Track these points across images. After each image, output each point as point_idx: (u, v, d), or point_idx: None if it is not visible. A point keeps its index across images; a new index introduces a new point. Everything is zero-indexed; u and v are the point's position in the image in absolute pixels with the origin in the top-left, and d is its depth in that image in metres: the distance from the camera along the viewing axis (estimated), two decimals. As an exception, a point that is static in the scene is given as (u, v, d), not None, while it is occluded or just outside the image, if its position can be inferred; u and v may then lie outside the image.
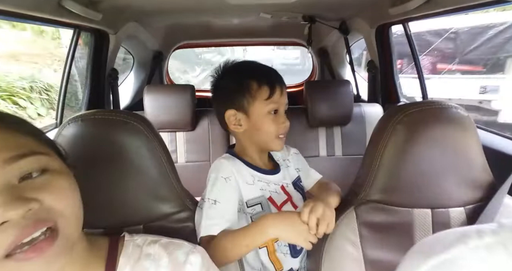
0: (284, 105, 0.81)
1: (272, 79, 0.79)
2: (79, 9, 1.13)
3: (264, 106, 0.78)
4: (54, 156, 0.45)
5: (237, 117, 0.80)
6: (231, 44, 2.76)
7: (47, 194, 0.40)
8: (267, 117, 0.78)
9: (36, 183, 0.41)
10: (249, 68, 0.83)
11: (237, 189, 0.77)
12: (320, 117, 1.55)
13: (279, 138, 0.81)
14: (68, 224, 0.42)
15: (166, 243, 0.55)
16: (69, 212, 0.42)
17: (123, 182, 0.65)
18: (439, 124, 0.69)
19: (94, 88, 1.64)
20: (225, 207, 0.73)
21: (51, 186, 0.41)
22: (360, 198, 0.76)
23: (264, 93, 0.77)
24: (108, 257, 0.52)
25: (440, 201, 0.72)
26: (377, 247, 0.72)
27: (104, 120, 0.65)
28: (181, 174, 0.74)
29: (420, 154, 0.70)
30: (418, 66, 1.71)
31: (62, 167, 0.45)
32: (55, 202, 0.41)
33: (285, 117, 0.81)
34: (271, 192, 0.82)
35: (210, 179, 0.77)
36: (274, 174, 0.85)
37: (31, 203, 0.38)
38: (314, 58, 2.71)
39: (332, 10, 1.72)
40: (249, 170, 0.81)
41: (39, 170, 0.41)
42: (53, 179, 0.42)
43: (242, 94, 0.78)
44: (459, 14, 1.25)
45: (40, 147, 0.44)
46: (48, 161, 0.43)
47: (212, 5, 1.52)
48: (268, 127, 0.79)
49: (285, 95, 0.80)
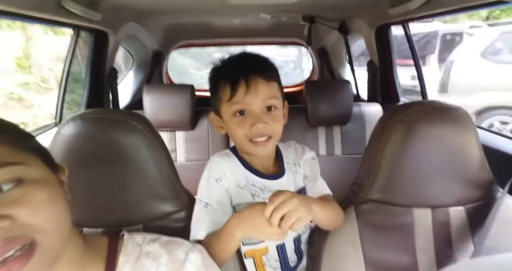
0: (258, 103, 0.68)
1: (234, 75, 0.68)
2: (79, 9, 1.13)
3: (227, 108, 0.69)
4: (34, 163, 0.42)
5: (216, 119, 0.75)
6: (231, 44, 2.76)
7: (21, 208, 0.37)
8: (232, 120, 0.70)
9: (8, 197, 0.37)
10: (222, 63, 0.74)
11: (228, 192, 0.72)
12: (319, 117, 1.55)
13: (253, 142, 0.70)
14: (49, 239, 0.39)
15: (165, 241, 0.55)
16: (49, 226, 0.39)
17: (123, 181, 0.65)
18: (438, 124, 0.69)
19: (94, 88, 1.63)
20: (216, 209, 0.69)
21: (26, 200, 0.38)
22: (360, 197, 0.76)
23: (226, 93, 0.68)
24: (108, 256, 0.51)
25: (440, 200, 0.72)
26: (377, 246, 0.72)
27: (103, 120, 0.65)
28: (180, 173, 0.74)
29: (420, 153, 0.70)
30: (418, 66, 1.71)
31: (43, 176, 0.42)
32: (31, 217, 0.37)
33: (260, 118, 0.67)
34: (265, 199, 0.70)
35: (203, 177, 0.73)
36: (275, 179, 0.75)
37: (1, 221, 0.35)
38: (314, 58, 2.71)
39: (331, 10, 1.72)
40: (244, 171, 0.74)
41: (13, 181, 0.38)
42: (29, 191, 0.38)
43: (214, 95, 0.73)
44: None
45: (16, 156, 0.40)
46: (24, 171, 0.39)
47: (212, 5, 1.52)
48: (234, 131, 0.70)
49: (261, 91, 0.67)
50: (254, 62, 0.72)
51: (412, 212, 0.73)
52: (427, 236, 0.73)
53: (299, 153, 0.82)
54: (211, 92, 0.75)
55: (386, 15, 1.45)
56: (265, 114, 0.69)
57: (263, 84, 0.68)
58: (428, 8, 1.18)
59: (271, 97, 0.69)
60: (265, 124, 0.68)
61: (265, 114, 0.69)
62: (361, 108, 1.65)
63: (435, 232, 0.73)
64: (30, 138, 0.46)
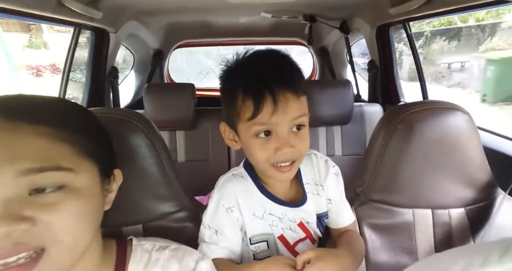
0: (286, 124, 0.56)
1: (257, 88, 0.54)
2: (79, 8, 1.13)
3: (248, 128, 0.57)
4: (87, 171, 0.40)
5: (230, 132, 0.63)
6: (232, 43, 2.75)
7: (49, 213, 0.36)
8: (254, 141, 0.58)
9: (44, 199, 0.36)
10: (238, 65, 0.60)
11: (240, 221, 0.65)
12: (320, 117, 1.54)
13: (277, 167, 0.59)
14: (60, 251, 0.38)
15: (175, 248, 0.54)
16: (66, 239, 0.38)
17: (123, 181, 0.65)
18: (439, 125, 0.69)
19: (94, 87, 1.63)
20: (228, 237, 0.63)
21: (57, 207, 0.37)
22: (361, 198, 0.76)
23: (247, 110, 0.55)
24: (117, 263, 0.50)
25: (441, 201, 0.72)
26: (377, 246, 0.72)
27: (104, 119, 0.64)
28: (180, 172, 0.73)
29: (420, 154, 0.69)
30: (419, 66, 1.71)
31: (88, 186, 0.41)
32: (53, 225, 0.36)
33: (287, 141, 0.56)
34: (284, 229, 0.66)
35: (212, 202, 0.65)
36: (297, 207, 0.66)
37: (20, 223, 0.34)
38: (315, 58, 2.70)
39: (332, 9, 1.72)
40: (260, 197, 0.65)
41: (55, 186, 0.37)
42: (65, 199, 0.37)
43: (230, 106, 0.59)
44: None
45: (73, 161, 0.39)
46: (70, 179, 0.38)
47: (213, 4, 1.52)
48: (256, 154, 0.58)
49: (291, 109, 0.55)
50: (281, 70, 0.57)
51: (412, 212, 0.73)
52: (428, 237, 0.73)
53: (322, 170, 0.69)
54: (223, 99, 0.62)
55: (386, 14, 1.44)
56: (293, 136, 0.58)
57: (293, 101, 0.55)
58: (428, 7, 1.18)
59: (301, 116, 0.57)
60: (293, 148, 0.57)
61: (293, 136, 0.58)
62: (362, 108, 1.65)
63: (436, 233, 0.73)
64: (100, 142, 0.45)
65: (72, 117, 0.43)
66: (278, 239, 0.67)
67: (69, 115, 0.43)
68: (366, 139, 1.59)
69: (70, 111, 0.44)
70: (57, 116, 0.40)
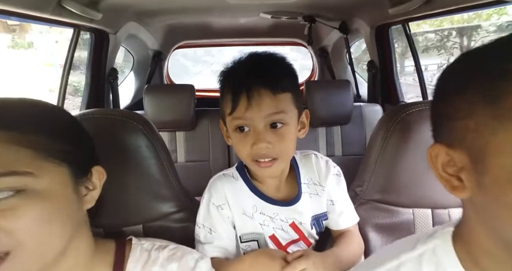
0: (260, 120, 0.58)
1: (235, 85, 0.59)
2: (79, 9, 1.13)
3: (229, 122, 0.61)
4: (52, 173, 0.39)
5: (223, 128, 0.67)
6: (231, 44, 2.76)
7: (6, 219, 0.35)
8: (234, 135, 0.62)
9: (1, 205, 0.35)
10: (228, 67, 0.64)
11: (231, 219, 0.66)
12: (320, 117, 1.55)
13: (257, 162, 0.61)
14: (26, 256, 0.37)
15: (175, 248, 0.54)
16: (29, 242, 0.36)
17: (123, 182, 0.65)
18: None
19: (94, 88, 1.63)
20: (221, 236, 0.65)
21: (16, 211, 0.36)
22: (360, 198, 0.76)
23: (228, 105, 0.60)
24: (115, 262, 0.50)
25: (440, 201, 0.72)
26: (377, 246, 0.73)
27: (103, 120, 0.65)
28: (180, 173, 0.74)
29: (420, 154, 0.69)
30: (418, 66, 1.71)
31: (53, 188, 0.39)
32: (13, 229, 0.35)
33: (262, 137, 0.58)
34: (275, 229, 0.66)
35: (203, 201, 0.67)
36: (288, 206, 0.67)
37: None
38: (314, 58, 2.71)
39: (332, 10, 1.72)
40: (251, 196, 0.66)
41: (13, 190, 0.36)
42: (24, 203, 0.36)
43: (220, 103, 0.64)
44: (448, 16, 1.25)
45: (34, 163, 0.37)
46: (29, 182, 0.37)
47: (212, 4, 1.52)
48: (238, 148, 0.62)
49: (265, 105, 0.58)
50: (260, 69, 0.60)
51: (412, 212, 0.73)
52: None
53: (323, 170, 0.70)
54: (220, 98, 0.66)
55: (386, 15, 1.44)
56: (269, 132, 0.59)
57: (267, 98, 0.58)
58: (428, 8, 1.18)
59: (277, 112, 0.59)
60: (268, 144, 0.59)
61: (269, 133, 0.59)
62: (361, 108, 1.65)
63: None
64: (71, 141, 0.43)
65: (32, 119, 0.41)
66: (269, 238, 0.67)
67: (28, 117, 0.40)
68: (366, 139, 1.59)
69: (30, 113, 0.42)
70: (13, 119, 0.39)
